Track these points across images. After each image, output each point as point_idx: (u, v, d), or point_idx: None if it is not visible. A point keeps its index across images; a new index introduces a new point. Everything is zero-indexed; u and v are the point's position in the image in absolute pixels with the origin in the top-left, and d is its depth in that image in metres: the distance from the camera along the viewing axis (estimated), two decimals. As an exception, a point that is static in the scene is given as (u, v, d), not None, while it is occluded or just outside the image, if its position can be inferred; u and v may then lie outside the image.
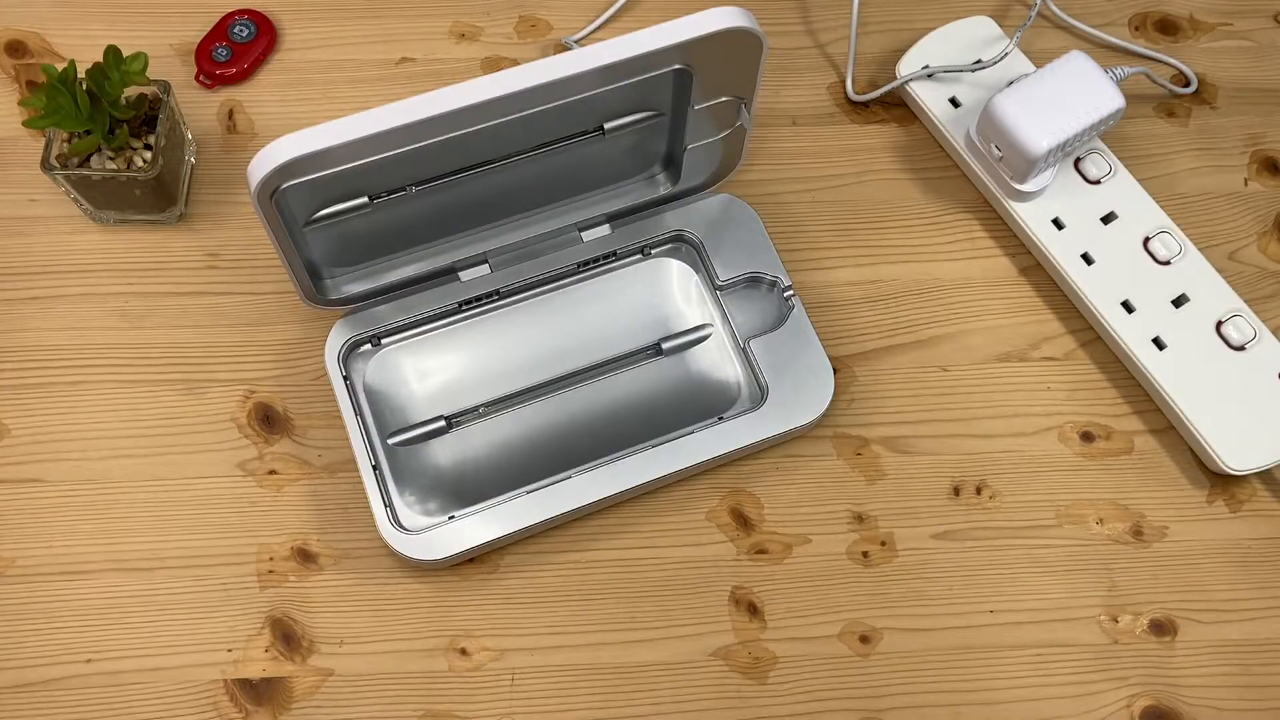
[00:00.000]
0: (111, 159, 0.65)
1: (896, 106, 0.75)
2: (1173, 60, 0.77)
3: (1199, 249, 0.69)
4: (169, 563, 0.62)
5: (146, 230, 0.69)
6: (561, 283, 0.67)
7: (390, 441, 0.63)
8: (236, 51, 0.73)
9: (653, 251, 0.68)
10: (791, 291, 0.66)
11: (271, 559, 0.62)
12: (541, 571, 0.62)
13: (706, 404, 0.65)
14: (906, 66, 0.74)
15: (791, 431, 0.64)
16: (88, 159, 0.65)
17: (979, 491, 0.65)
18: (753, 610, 0.62)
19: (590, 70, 0.54)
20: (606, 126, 0.61)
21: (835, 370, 0.66)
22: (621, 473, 0.61)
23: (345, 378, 0.63)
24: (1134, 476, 0.66)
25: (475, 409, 0.64)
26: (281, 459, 0.64)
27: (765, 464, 0.65)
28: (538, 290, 0.67)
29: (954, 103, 0.73)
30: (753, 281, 0.67)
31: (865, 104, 0.75)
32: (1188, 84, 0.76)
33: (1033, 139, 0.66)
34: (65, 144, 0.65)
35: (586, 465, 0.62)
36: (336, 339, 0.64)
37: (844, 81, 0.75)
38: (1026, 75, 0.69)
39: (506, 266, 0.66)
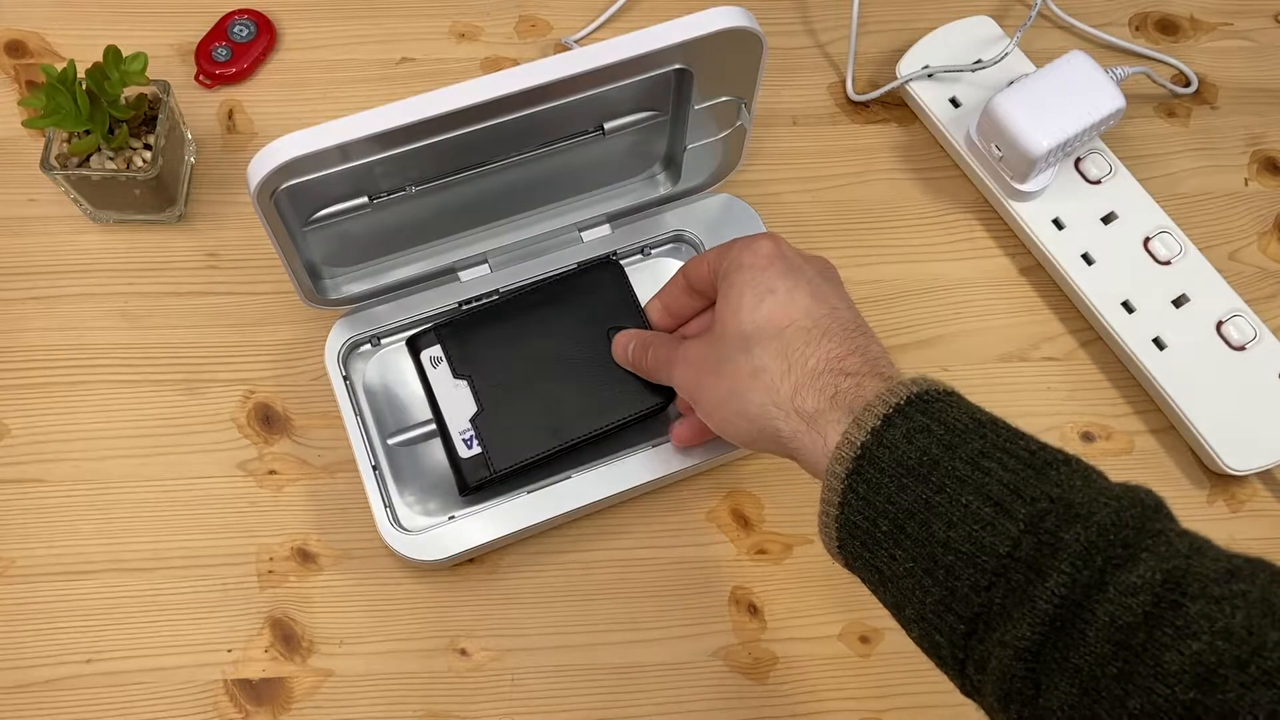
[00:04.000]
0: (111, 159, 0.65)
1: (897, 106, 0.75)
2: (1173, 60, 0.77)
3: (1199, 249, 0.69)
4: (169, 563, 0.62)
5: (146, 230, 0.69)
6: (561, 283, 0.67)
7: (390, 441, 0.63)
8: (236, 51, 0.73)
9: (653, 251, 0.68)
10: (791, 291, 0.66)
11: (271, 559, 0.62)
12: (541, 571, 0.62)
13: (706, 404, 0.65)
14: (906, 66, 0.74)
15: (791, 431, 0.64)
16: (87, 159, 0.65)
17: (979, 491, 0.65)
18: (753, 610, 0.62)
19: (590, 70, 0.54)
20: (607, 126, 0.61)
21: (835, 370, 0.65)
22: (622, 473, 0.61)
23: (345, 378, 0.63)
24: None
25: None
26: (281, 459, 0.64)
27: (765, 464, 0.65)
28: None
29: (954, 103, 0.73)
30: (753, 281, 0.67)
31: (865, 104, 0.75)
32: (1188, 84, 0.76)
33: (1033, 139, 0.66)
34: (65, 144, 0.65)
35: (586, 465, 0.62)
36: (336, 339, 0.64)
37: (844, 81, 0.75)
38: (1026, 75, 0.69)
39: (506, 266, 0.66)
